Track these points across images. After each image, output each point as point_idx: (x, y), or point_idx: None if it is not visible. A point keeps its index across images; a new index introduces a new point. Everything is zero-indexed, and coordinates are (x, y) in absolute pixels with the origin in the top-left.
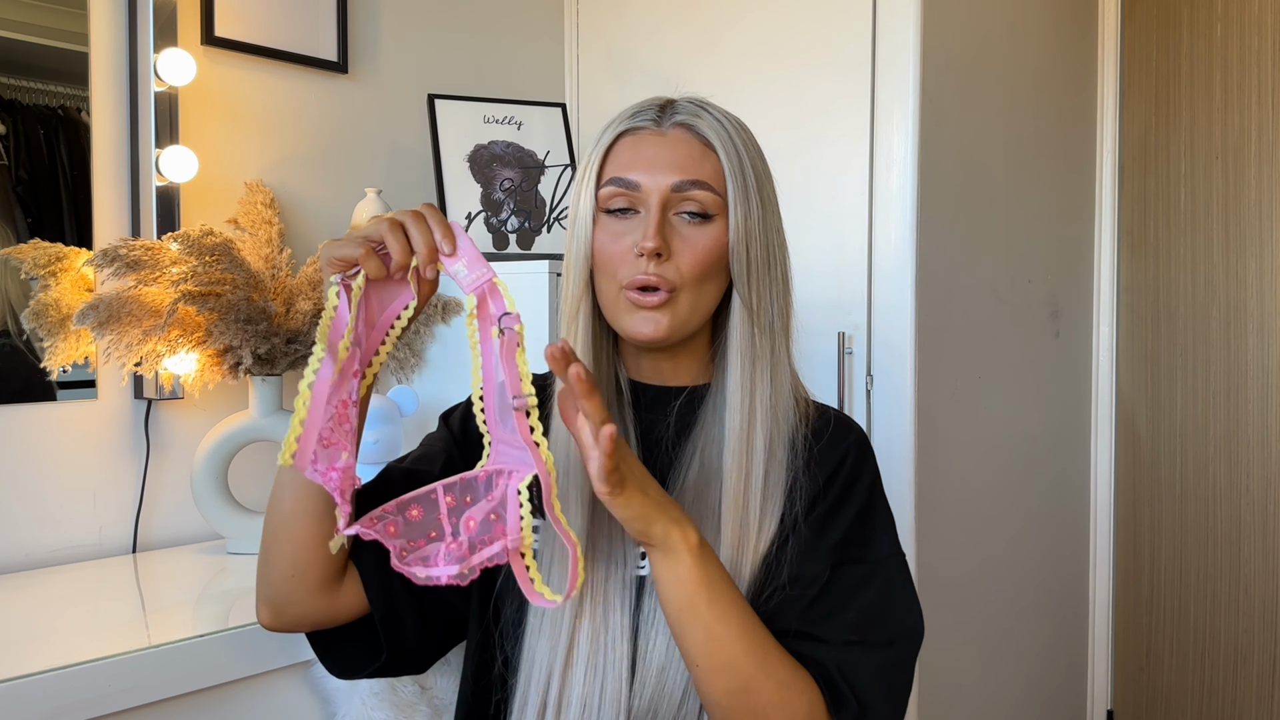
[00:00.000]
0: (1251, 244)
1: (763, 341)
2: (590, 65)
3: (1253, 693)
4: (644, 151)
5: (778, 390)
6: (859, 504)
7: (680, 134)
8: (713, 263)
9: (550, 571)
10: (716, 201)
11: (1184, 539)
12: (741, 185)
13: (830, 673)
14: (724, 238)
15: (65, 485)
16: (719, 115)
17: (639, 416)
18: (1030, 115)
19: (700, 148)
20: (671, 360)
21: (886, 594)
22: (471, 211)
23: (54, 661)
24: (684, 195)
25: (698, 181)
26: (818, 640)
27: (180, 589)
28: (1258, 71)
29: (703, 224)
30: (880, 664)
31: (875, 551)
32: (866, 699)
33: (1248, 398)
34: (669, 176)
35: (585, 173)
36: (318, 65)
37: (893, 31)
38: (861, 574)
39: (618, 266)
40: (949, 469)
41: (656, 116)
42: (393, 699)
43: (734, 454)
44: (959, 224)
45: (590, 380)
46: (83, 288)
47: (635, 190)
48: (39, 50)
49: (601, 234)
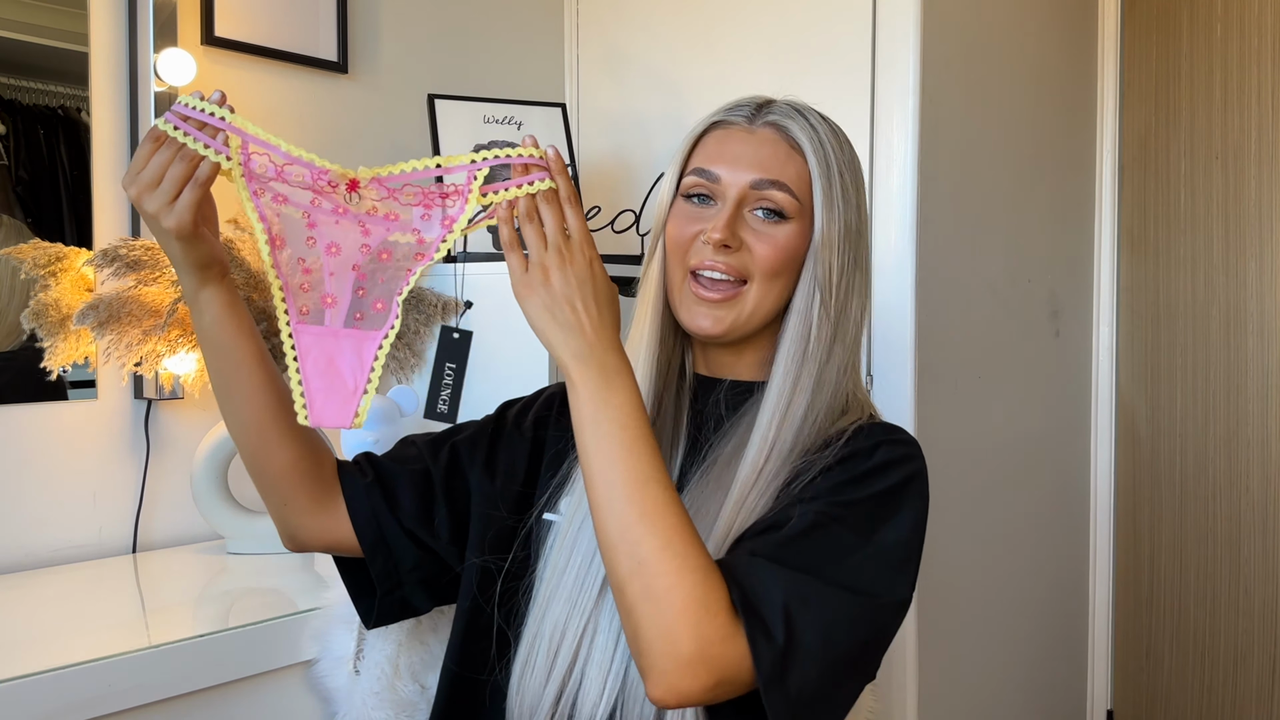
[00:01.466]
0: (1251, 244)
1: (820, 344)
2: (590, 65)
3: (1253, 693)
4: (730, 146)
5: (819, 391)
6: (886, 486)
7: (769, 133)
8: (785, 260)
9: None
10: (794, 204)
11: (1184, 539)
12: (828, 190)
13: (768, 600)
14: (797, 239)
15: (65, 485)
16: (814, 121)
17: (694, 407)
18: (1030, 115)
19: (787, 149)
20: (735, 355)
21: (872, 566)
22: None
23: (54, 661)
24: (761, 194)
25: (777, 182)
26: (780, 564)
27: (180, 589)
28: (1258, 72)
29: (778, 223)
30: (836, 610)
31: (884, 535)
32: (801, 638)
33: (1248, 398)
34: (750, 173)
35: (674, 161)
36: (318, 65)
37: (893, 31)
38: (854, 543)
39: (686, 251)
40: (949, 469)
41: (751, 114)
42: (393, 699)
43: (759, 443)
44: (959, 224)
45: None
46: (83, 288)
47: (715, 182)
48: (39, 50)
49: (676, 218)
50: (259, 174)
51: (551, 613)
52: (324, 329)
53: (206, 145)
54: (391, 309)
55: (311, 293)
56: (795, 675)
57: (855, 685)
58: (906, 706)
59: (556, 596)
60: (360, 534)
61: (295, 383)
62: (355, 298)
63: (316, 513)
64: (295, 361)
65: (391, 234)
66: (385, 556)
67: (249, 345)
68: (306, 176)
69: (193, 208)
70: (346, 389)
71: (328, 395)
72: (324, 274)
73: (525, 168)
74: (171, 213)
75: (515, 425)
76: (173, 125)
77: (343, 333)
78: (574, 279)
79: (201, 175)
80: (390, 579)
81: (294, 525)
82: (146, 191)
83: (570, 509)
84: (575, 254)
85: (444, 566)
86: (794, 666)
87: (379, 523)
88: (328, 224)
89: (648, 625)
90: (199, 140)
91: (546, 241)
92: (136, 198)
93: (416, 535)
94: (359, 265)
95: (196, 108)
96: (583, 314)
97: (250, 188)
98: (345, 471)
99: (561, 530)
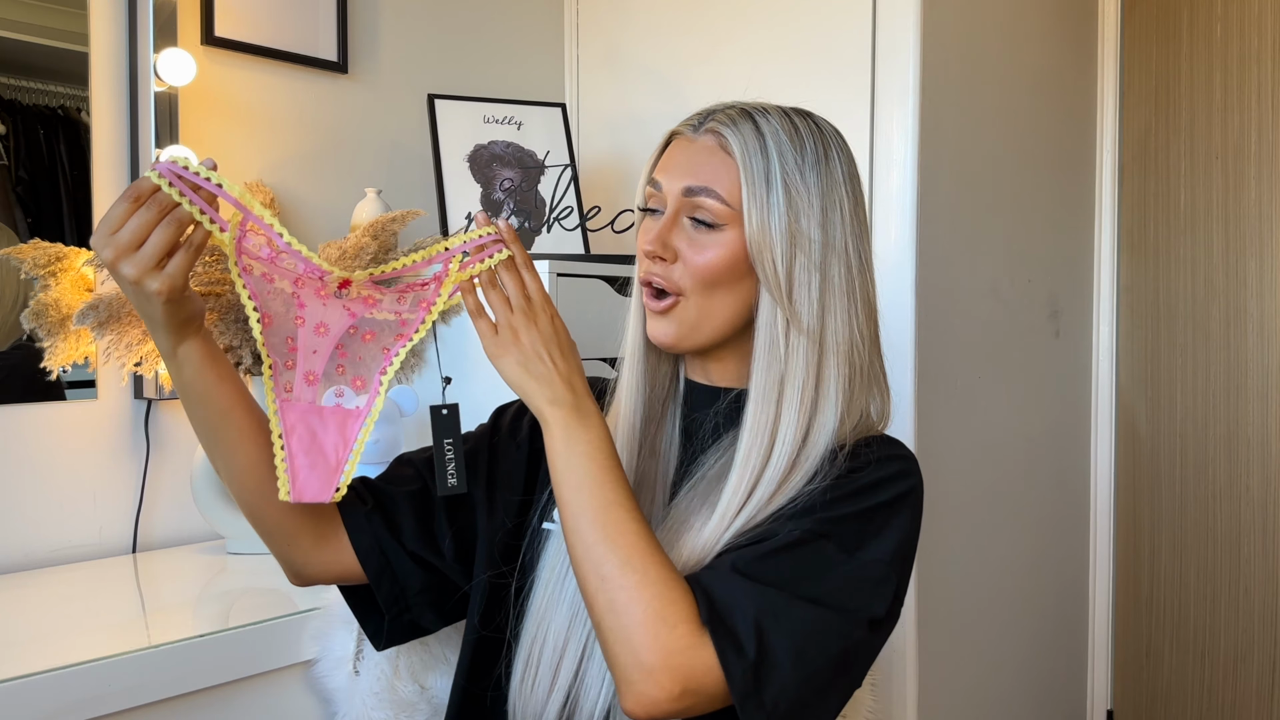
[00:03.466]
0: (1251, 244)
1: (796, 354)
2: (590, 65)
3: (1253, 693)
4: (675, 155)
5: (816, 409)
6: (875, 504)
7: (707, 140)
8: (721, 269)
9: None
10: (726, 211)
11: (1184, 539)
12: (762, 193)
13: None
14: (733, 248)
15: (65, 485)
16: (763, 122)
17: (686, 413)
18: (1030, 116)
19: (723, 155)
20: (717, 363)
21: (853, 585)
22: (471, 212)
23: (54, 661)
24: (693, 201)
25: (707, 189)
26: (756, 580)
27: (180, 589)
28: (1257, 72)
29: (710, 232)
30: (811, 626)
31: (870, 551)
32: (774, 656)
33: (1248, 398)
34: (682, 181)
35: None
36: (318, 65)
37: (893, 31)
38: (837, 559)
39: (641, 262)
40: (949, 468)
41: (697, 123)
42: (393, 699)
43: (742, 461)
44: (959, 224)
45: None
46: (83, 288)
47: (659, 191)
48: (39, 50)
49: (639, 231)
50: (250, 250)
51: (553, 620)
52: (308, 406)
53: (203, 211)
54: (373, 387)
55: (295, 370)
56: (771, 688)
57: (838, 696)
58: (906, 706)
59: (558, 603)
60: (365, 563)
61: (280, 460)
62: (336, 375)
63: (321, 548)
64: (280, 439)
65: (372, 313)
66: (391, 582)
67: (233, 391)
68: (299, 268)
69: (185, 270)
70: (329, 465)
71: (310, 471)
72: (307, 352)
73: (482, 246)
74: (160, 276)
75: (510, 434)
76: (168, 182)
77: (326, 410)
78: (540, 336)
79: (196, 240)
80: (398, 604)
81: (299, 563)
82: (125, 254)
83: None
84: (538, 313)
85: (451, 586)
86: (769, 680)
87: (383, 549)
88: (314, 304)
89: (613, 639)
90: (196, 204)
91: (511, 305)
92: (113, 261)
93: (421, 557)
94: (342, 344)
95: (192, 170)
96: (552, 365)
97: (241, 264)
98: (343, 501)
99: (559, 538)
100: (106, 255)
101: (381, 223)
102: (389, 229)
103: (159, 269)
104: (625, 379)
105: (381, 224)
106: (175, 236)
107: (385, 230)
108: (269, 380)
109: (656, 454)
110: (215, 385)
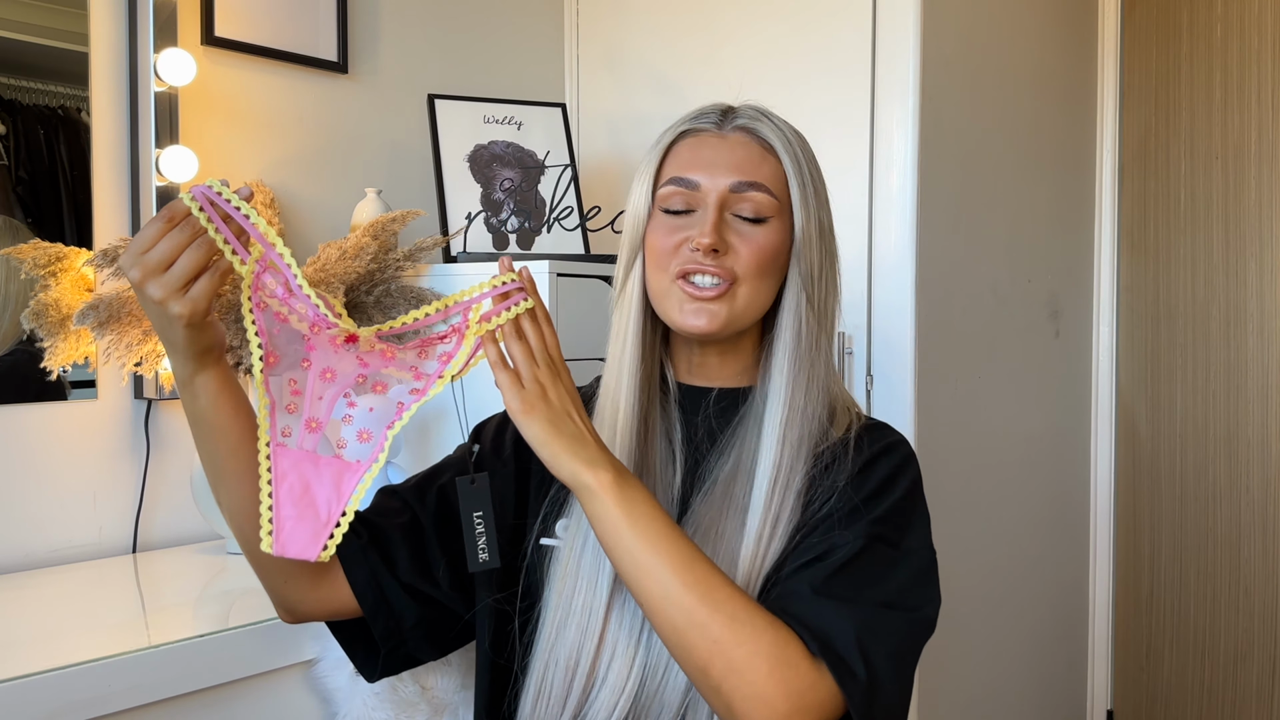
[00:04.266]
0: (1251, 244)
1: (812, 341)
2: (590, 65)
3: (1253, 693)
4: (704, 153)
5: (813, 389)
6: (900, 495)
7: (741, 137)
8: (770, 260)
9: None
10: (773, 204)
11: (1184, 539)
12: (802, 189)
13: (842, 640)
14: (779, 238)
15: (65, 485)
16: (779, 122)
17: (684, 416)
18: (1030, 116)
19: (760, 151)
20: (719, 357)
21: (913, 578)
22: (471, 212)
23: (54, 661)
24: (741, 196)
25: (756, 184)
26: (842, 601)
27: (180, 589)
28: (1258, 72)
29: (760, 224)
30: (899, 633)
31: (909, 541)
32: (879, 670)
33: (1248, 398)
34: (728, 177)
35: (644, 171)
36: (318, 65)
37: (893, 31)
38: (893, 557)
39: (670, 259)
40: (949, 469)
41: (719, 120)
42: (393, 698)
43: (772, 450)
44: (959, 224)
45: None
46: (83, 288)
47: (694, 190)
48: (39, 50)
49: (656, 230)
50: (267, 286)
51: (564, 640)
52: (304, 453)
53: (227, 241)
54: (378, 441)
55: (297, 414)
56: (881, 701)
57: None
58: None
59: (567, 624)
60: (360, 598)
61: (265, 507)
62: (341, 424)
63: (318, 585)
64: (269, 485)
65: (388, 368)
66: (387, 616)
67: (245, 427)
68: (309, 314)
69: (209, 296)
70: (318, 520)
71: (297, 523)
72: (312, 397)
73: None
74: (184, 300)
75: (494, 452)
76: (198, 206)
77: (323, 460)
78: (565, 391)
79: (221, 267)
80: (393, 638)
81: (294, 600)
82: (153, 275)
83: (569, 533)
84: (560, 368)
85: (450, 616)
86: (879, 694)
87: (379, 583)
88: (325, 349)
89: (740, 697)
90: (222, 233)
91: (536, 358)
92: (140, 281)
93: (417, 589)
94: (349, 393)
95: (226, 198)
96: (580, 423)
97: (254, 299)
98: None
99: (562, 557)
100: (135, 275)
101: (381, 223)
102: (389, 229)
103: (183, 292)
104: (624, 387)
105: (381, 224)
106: (204, 261)
107: (385, 230)
108: (264, 421)
109: (656, 461)
110: (229, 419)
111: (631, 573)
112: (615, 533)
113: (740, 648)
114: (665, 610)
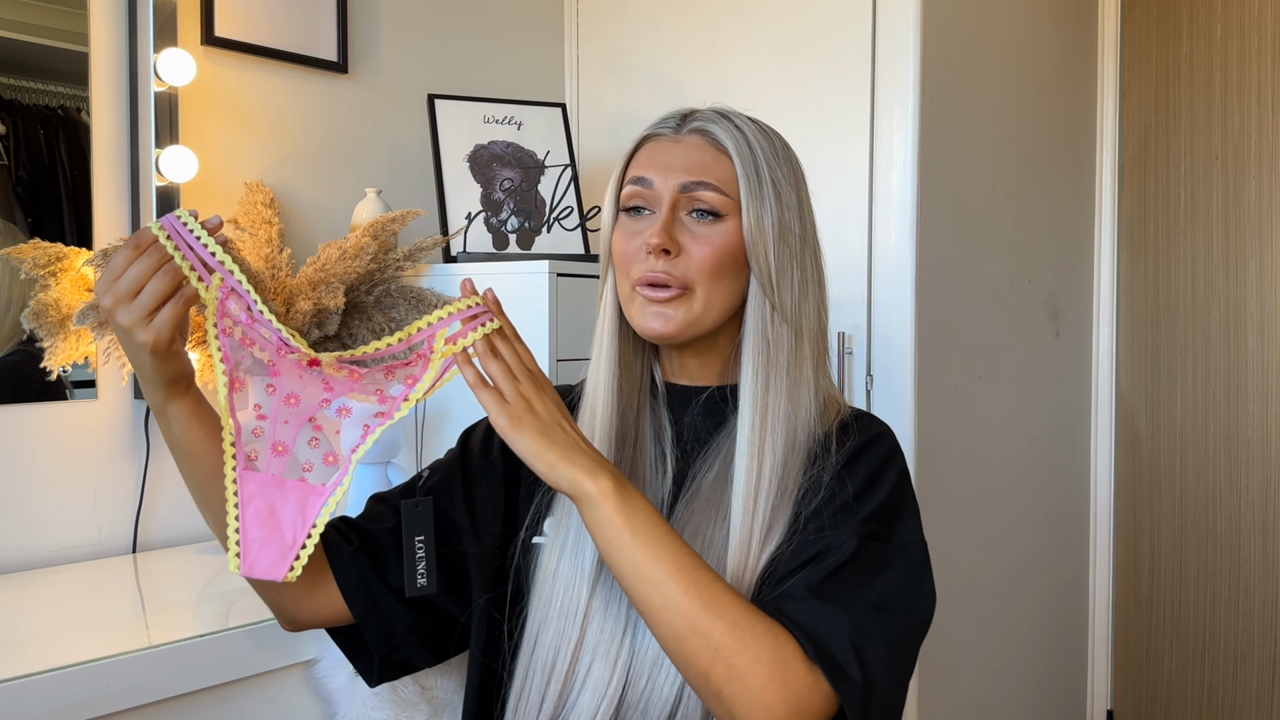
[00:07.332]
0: (1251, 244)
1: (781, 343)
2: (590, 65)
3: (1252, 693)
4: (659, 155)
5: (796, 392)
6: (889, 488)
7: (695, 139)
8: (725, 260)
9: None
10: (726, 202)
11: (1184, 539)
12: (756, 187)
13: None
14: (734, 239)
15: (65, 485)
16: (740, 123)
17: (674, 416)
18: (1030, 116)
19: (713, 152)
20: (697, 358)
21: (907, 576)
22: (471, 212)
23: (54, 661)
24: (692, 195)
25: (705, 182)
26: (836, 603)
27: (180, 589)
28: (1257, 72)
29: (714, 222)
30: (894, 634)
31: (901, 535)
32: (873, 669)
33: (1248, 398)
34: (679, 177)
35: (612, 178)
36: (318, 65)
37: (893, 31)
38: (887, 553)
39: (630, 264)
40: (949, 468)
41: (676, 124)
42: (393, 698)
43: (745, 456)
44: (959, 224)
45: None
46: (83, 288)
47: (649, 189)
48: (39, 50)
49: (619, 233)
50: (231, 313)
51: (542, 644)
52: (269, 477)
53: (193, 268)
54: (343, 465)
55: (262, 439)
56: (876, 703)
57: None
58: (907, 706)
59: (546, 627)
60: (351, 604)
61: (232, 529)
62: (307, 448)
63: (312, 593)
64: (235, 509)
65: (353, 393)
66: (379, 623)
67: (220, 452)
68: (274, 338)
69: (173, 324)
70: (284, 542)
71: (264, 546)
72: (278, 421)
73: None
74: (149, 328)
75: (483, 456)
76: (166, 234)
77: (288, 484)
78: (551, 402)
79: (186, 294)
80: (387, 644)
81: (290, 609)
82: (123, 302)
83: (550, 534)
84: (543, 382)
85: (445, 621)
86: (874, 696)
87: (369, 589)
88: (290, 374)
89: (741, 702)
90: (187, 260)
91: (515, 374)
92: (111, 308)
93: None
94: (315, 417)
95: (193, 231)
96: (572, 431)
97: (219, 325)
98: (328, 542)
99: (543, 560)
100: (106, 302)
101: (381, 223)
102: (389, 229)
103: (148, 320)
104: (601, 391)
105: (381, 224)
106: (170, 288)
107: (385, 230)
108: (229, 446)
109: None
110: (203, 445)
111: (633, 582)
112: (617, 541)
113: (741, 654)
114: (667, 618)
